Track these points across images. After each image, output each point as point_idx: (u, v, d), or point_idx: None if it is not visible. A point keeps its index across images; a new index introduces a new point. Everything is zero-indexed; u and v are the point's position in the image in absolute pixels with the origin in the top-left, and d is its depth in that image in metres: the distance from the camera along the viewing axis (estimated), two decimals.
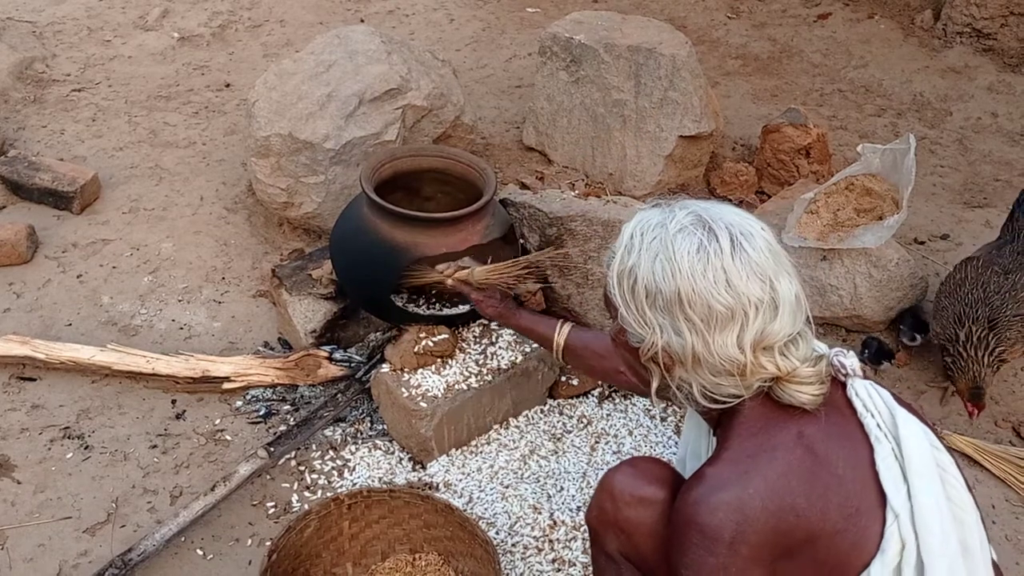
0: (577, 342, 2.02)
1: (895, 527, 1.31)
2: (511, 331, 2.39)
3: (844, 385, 1.41)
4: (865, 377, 1.43)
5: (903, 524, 1.31)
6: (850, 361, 1.41)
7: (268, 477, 2.26)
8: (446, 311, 2.32)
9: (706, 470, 1.33)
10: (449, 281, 2.22)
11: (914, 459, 1.34)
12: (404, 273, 2.27)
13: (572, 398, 2.47)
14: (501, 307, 2.19)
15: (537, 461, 2.29)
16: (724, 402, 1.36)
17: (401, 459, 2.30)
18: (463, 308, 2.32)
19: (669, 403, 1.47)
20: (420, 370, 2.28)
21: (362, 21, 4.44)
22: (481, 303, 2.20)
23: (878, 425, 1.37)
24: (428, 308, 2.32)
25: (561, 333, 2.02)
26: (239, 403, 2.45)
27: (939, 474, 1.36)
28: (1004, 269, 2.48)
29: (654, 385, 1.41)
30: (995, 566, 1.44)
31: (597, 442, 2.34)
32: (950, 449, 1.43)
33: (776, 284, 1.32)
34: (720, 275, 1.30)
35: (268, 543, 1.93)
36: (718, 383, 1.34)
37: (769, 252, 1.33)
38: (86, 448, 2.32)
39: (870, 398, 1.39)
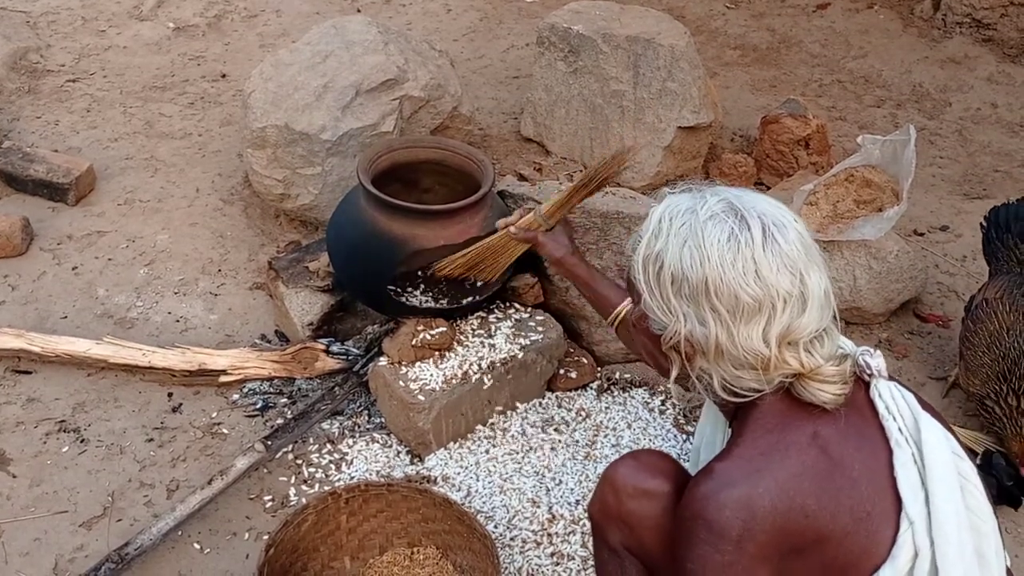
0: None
1: (909, 534, 1.29)
2: (509, 325, 2.38)
3: (868, 385, 1.38)
4: (890, 378, 1.40)
5: (918, 532, 1.29)
6: (876, 361, 1.38)
7: (265, 471, 2.25)
8: (443, 304, 2.31)
9: (716, 465, 1.31)
10: (512, 229, 2.02)
11: (935, 467, 1.31)
12: (430, 265, 2.19)
13: (570, 391, 2.46)
14: (570, 250, 1.99)
15: (535, 454, 2.28)
16: (743, 395, 1.33)
17: (399, 452, 2.29)
18: (460, 303, 2.31)
19: (688, 392, 1.44)
20: (418, 363, 2.26)
21: (359, 11, 4.41)
22: (547, 246, 1.99)
23: (899, 429, 1.34)
24: (426, 301, 2.31)
25: (625, 305, 1.82)
26: (236, 396, 2.44)
27: (959, 482, 1.34)
28: None
29: (673, 374, 1.39)
30: (1009, 573, 1.43)
31: (596, 435, 2.33)
32: (968, 452, 1.41)
33: (806, 278, 1.29)
34: (750, 266, 1.27)
35: (265, 537, 1.92)
36: (739, 376, 1.31)
37: (801, 245, 1.30)
38: (82, 442, 2.30)
39: (893, 401, 1.36)
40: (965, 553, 1.29)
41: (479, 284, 2.29)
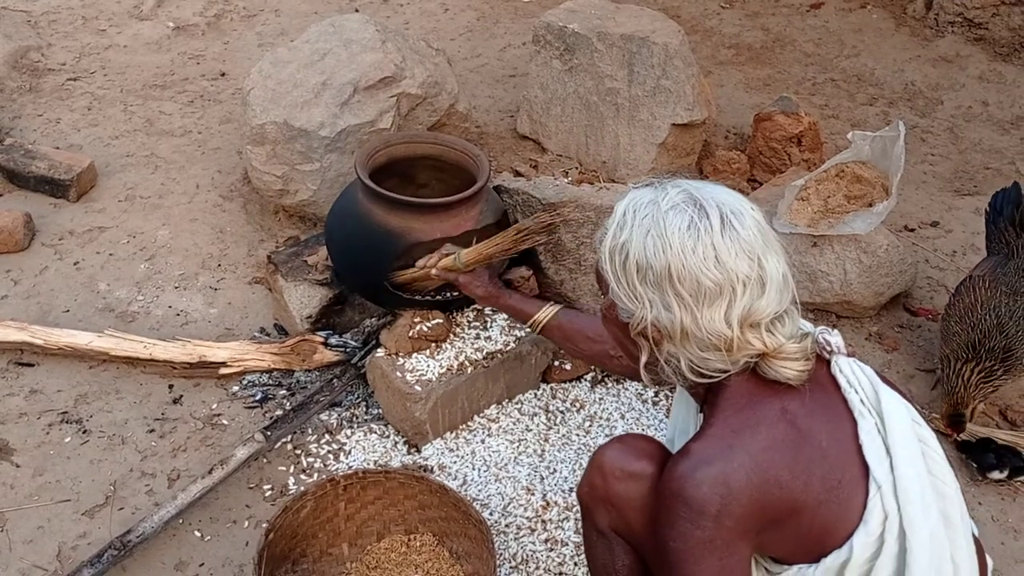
0: (566, 323, 2.04)
1: (878, 498, 1.35)
2: (504, 315, 2.42)
3: (829, 362, 1.45)
4: (850, 355, 1.46)
5: (886, 495, 1.35)
6: (835, 339, 1.45)
7: (265, 461, 2.29)
8: (440, 296, 2.35)
9: (692, 445, 1.36)
10: (433, 272, 2.21)
11: (896, 433, 1.38)
12: (391, 276, 2.29)
13: (565, 382, 2.49)
14: (490, 287, 2.17)
15: (530, 444, 2.31)
16: (711, 377, 1.38)
17: (396, 443, 2.33)
18: (457, 293, 2.35)
19: (659, 385, 1.50)
20: (415, 354, 2.30)
21: (357, 10, 4.45)
22: (468, 286, 2.19)
23: (861, 400, 1.40)
24: (422, 294, 2.34)
25: (545, 312, 2.06)
26: (235, 388, 2.48)
27: (920, 448, 1.40)
28: (1013, 289, 2.39)
29: (643, 360, 1.44)
30: (976, 540, 1.48)
31: (590, 425, 2.37)
32: (936, 431, 1.47)
33: (764, 262, 1.34)
34: (710, 251, 1.32)
35: (265, 524, 1.95)
36: (705, 358, 1.36)
37: (758, 231, 1.36)
38: (84, 432, 2.34)
39: (853, 375, 1.43)
40: (930, 514, 1.35)
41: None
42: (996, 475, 2.28)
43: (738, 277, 1.32)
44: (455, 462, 2.27)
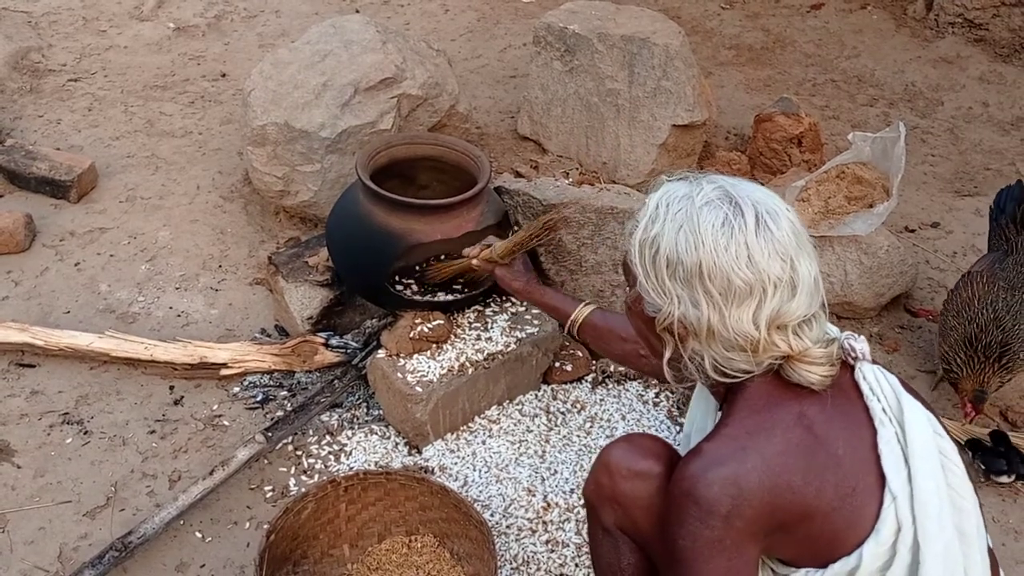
0: (599, 322, 1.99)
1: (892, 509, 1.33)
2: (505, 317, 2.42)
3: (853, 368, 1.42)
4: (874, 362, 1.44)
5: (900, 507, 1.33)
6: (860, 345, 1.42)
7: (266, 462, 2.29)
8: (441, 297, 2.35)
9: (705, 445, 1.34)
10: (475, 262, 2.19)
11: (916, 443, 1.36)
12: (424, 269, 2.30)
13: (566, 383, 2.50)
14: (525, 281, 2.15)
15: (531, 445, 2.31)
16: (734, 377, 1.37)
17: (397, 444, 2.33)
18: (458, 295, 2.35)
19: (681, 382, 1.48)
20: (416, 355, 2.30)
21: (357, 11, 4.45)
22: (505, 278, 2.16)
23: (883, 409, 1.38)
24: (423, 295, 2.34)
25: (581, 312, 2.00)
26: (236, 389, 2.48)
27: (940, 460, 1.38)
28: (1010, 285, 2.41)
29: (666, 356, 1.42)
30: (991, 553, 1.47)
31: (591, 426, 2.37)
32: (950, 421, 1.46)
33: (797, 264, 1.32)
34: (743, 251, 1.31)
35: (266, 526, 1.95)
36: (730, 357, 1.35)
37: (792, 233, 1.34)
38: (85, 433, 2.34)
39: (877, 382, 1.41)
40: (946, 528, 1.33)
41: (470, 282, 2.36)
42: (1004, 479, 2.28)
43: (769, 278, 1.31)
44: (456, 463, 2.27)
